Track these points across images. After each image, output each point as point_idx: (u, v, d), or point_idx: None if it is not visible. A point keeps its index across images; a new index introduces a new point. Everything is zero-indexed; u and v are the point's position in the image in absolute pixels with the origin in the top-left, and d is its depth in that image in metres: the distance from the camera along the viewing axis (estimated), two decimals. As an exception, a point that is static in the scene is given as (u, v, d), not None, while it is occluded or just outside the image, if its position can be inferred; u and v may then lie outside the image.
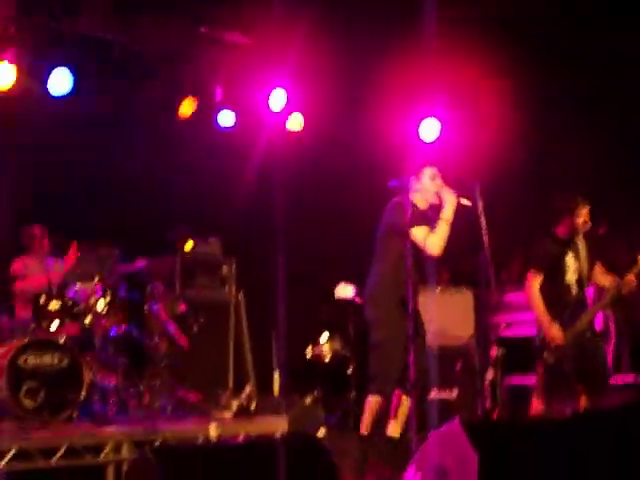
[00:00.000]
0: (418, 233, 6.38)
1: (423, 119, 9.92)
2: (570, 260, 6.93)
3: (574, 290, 6.93)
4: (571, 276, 6.94)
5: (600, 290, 7.37)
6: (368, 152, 9.89)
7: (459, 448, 4.58)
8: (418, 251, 6.36)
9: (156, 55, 8.57)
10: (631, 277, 6.80)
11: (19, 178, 8.23)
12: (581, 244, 6.99)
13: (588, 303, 7.01)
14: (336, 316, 9.57)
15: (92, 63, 8.32)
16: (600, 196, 9.16)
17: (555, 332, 6.75)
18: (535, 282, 6.89)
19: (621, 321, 8.84)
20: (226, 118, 9.13)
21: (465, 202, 6.39)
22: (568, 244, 6.95)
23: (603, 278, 7.06)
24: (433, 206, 6.58)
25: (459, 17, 8.43)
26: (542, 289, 6.87)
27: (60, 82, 8.01)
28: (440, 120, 9.91)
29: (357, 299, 8.34)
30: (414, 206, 6.53)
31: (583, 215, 6.91)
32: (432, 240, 6.39)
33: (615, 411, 5.78)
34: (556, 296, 6.88)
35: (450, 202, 6.39)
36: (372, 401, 6.67)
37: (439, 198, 6.48)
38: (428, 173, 6.59)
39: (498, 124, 8.85)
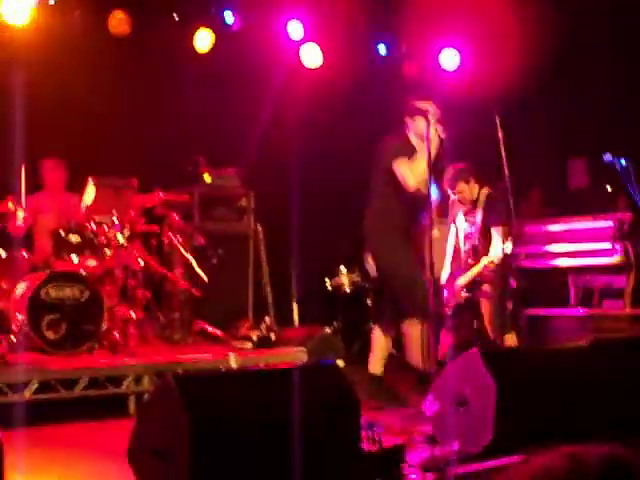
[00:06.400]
0: (399, 168, 6.31)
1: (443, 49, 9.84)
2: None
3: None
4: None
5: None
6: (385, 85, 9.80)
7: (477, 377, 4.60)
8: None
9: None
10: None
11: (35, 114, 8.16)
12: None
13: None
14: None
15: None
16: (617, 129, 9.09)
17: None
18: None
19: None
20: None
21: (440, 132, 6.17)
22: None
23: None
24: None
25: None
26: None
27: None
28: (459, 50, 9.82)
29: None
30: (406, 142, 6.44)
31: None
32: (407, 175, 6.29)
33: (633, 340, 5.81)
34: None
35: (432, 138, 6.04)
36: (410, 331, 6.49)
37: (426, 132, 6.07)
38: (420, 108, 6.32)
39: (517, 53, 8.72)
